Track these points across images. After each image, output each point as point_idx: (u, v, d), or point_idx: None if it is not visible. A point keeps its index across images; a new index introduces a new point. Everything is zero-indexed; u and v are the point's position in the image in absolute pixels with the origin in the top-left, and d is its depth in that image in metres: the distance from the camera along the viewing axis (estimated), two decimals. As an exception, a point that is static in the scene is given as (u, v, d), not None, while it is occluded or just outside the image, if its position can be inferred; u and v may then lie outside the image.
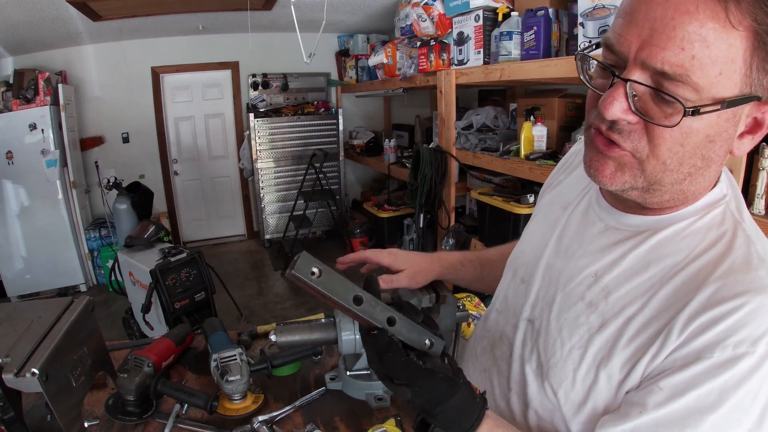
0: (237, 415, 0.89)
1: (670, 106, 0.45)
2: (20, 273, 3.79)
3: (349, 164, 5.10)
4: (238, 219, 5.15)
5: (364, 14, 3.91)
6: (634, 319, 0.53)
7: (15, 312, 0.81)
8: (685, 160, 0.48)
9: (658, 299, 0.52)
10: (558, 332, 0.60)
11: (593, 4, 1.71)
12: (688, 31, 0.41)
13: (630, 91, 0.46)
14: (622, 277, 0.56)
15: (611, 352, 0.53)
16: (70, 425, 0.73)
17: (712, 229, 0.53)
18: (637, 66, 0.45)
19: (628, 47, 0.45)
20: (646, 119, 0.46)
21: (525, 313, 0.68)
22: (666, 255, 0.53)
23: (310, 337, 0.89)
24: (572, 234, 0.65)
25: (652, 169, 0.49)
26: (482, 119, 2.87)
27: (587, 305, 0.58)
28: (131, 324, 2.64)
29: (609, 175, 0.52)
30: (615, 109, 0.47)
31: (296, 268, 0.47)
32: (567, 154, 0.83)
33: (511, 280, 0.75)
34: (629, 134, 0.48)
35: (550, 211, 0.74)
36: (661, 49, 0.43)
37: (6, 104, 3.59)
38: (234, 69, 4.64)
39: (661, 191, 0.52)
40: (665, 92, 0.44)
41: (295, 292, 3.85)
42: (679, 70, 0.42)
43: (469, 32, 2.47)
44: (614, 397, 0.53)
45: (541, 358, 0.61)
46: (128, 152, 4.49)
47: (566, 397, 0.57)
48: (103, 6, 3.09)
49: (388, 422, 0.84)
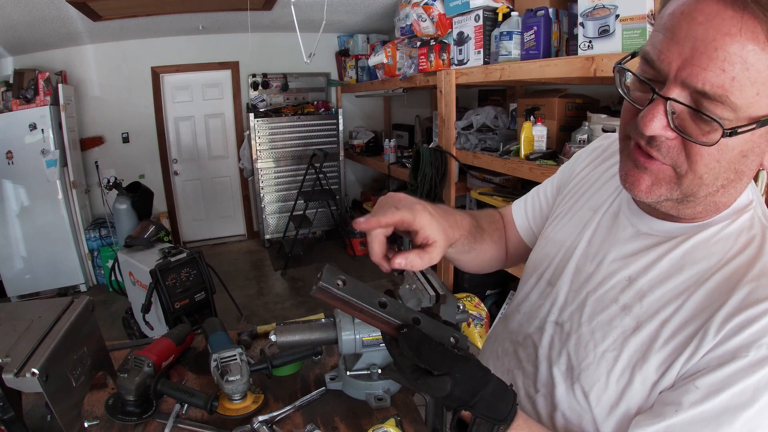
0: (237, 415, 0.89)
1: (708, 125, 0.46)
2: (20, 273, 3.79)
3: (349, 164, 5.10)
4: (238, 219, 5.15)
5: (364, 14, 3.91)
6: (669, 321, 0.54)
7: (15, 312, 0.81)
8: (720, 174, 0.49)
9: (693, 301, 0.53)
10: (590, 335, 0.61)
11: (593, 4, 1.71)
12: (729, 53, 0.42)
13: (669, 108, 0.47)
14: (656, 280, 0.57)
15: (647, 353, 0.54)
16: (70, 425, 0.73)
17: (743, 233, 0.54)
18: (677, 84, 0.46)
19: (668, 65, 0.46)
20: (685, 136, 0.47)
21: (552, 315, 0.68)
22: (700, 259, 0.55)
23: (310, 337, 0.89)
24: (602, 238, 0.66)
25: (689, 183, 0.50)
26: (482, 119, 2.87)
27: (621, 308, 0.59)
28: (131, 324, 2.64)
29: (645, 189, 0.53)
30: (655, 126, 0.47)
31: (323, 279, 0.49)
32: (593, 144, 0.82)
33: (536, 282, 0.75)
34: (668, 150, 0.50)
35: (577, 212, 0.74)
36: (702, 69, 0.43)
37: (6, 104, 3.59)
38: (234, 69, 4.64)
39: (694, 203, 0.53)
40: (704, 113, 0.45)
41: (295, 292, 3.85)
42: (719, 91, 0.43)
43: (469, 32, 2.47)
44: (647, 398, 0.54)
45: (571, 361, 0.62)
46: (128, 152, 4.49)
47: (598, 399, 0.58)
48: (103, 6, 3.09)
49: (388, 422, 0.84)
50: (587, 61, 1.74)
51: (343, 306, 0.51)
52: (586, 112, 2.19)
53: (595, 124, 2.06)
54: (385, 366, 0.92)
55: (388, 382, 0.92)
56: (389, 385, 0.93)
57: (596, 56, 1.71)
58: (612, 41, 1.68)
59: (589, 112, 2.14)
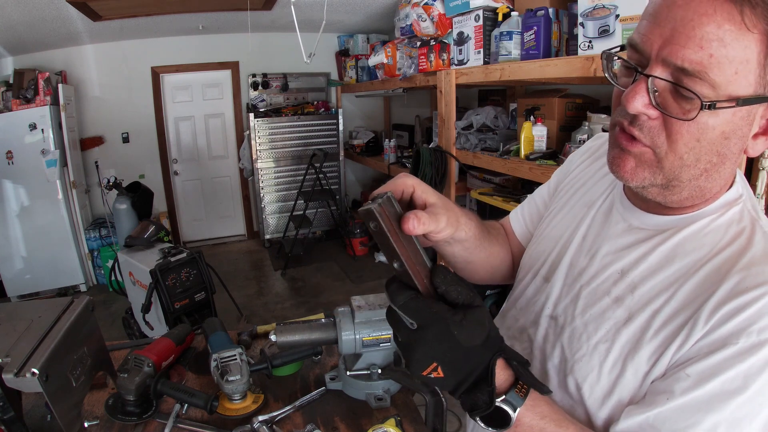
0: (237, 415, 0.89)
1: (688, 102, 0.47)
2: (20, 273, 3.79)
3: (349, 164, 5.10)
4: (238, 219, 5.15)
5: (364, 14, 3.91)
6: (660, 312, 0.55)
7: (15, 312, 0.81)
8: (702, 156, 0.50)
9: (684, 292, 0.54)
10: (584, 327, 0.62)
11: (593, 4, 1.71)
12: (706, 32, 0.44)
13: (651, 86, 0.49)
14: (647, 272, 0.58)
15: (638, 344, 0.55)
16: (70, 425, 0.73)
17: (732, 225, 0.56)
18: (658, 63, 0.48)
19: (650, 46, 0.48)
20: (666, 113, 0.49)
21: (547, 310, 0.69)
22: (690, 250, 0.56)
23: (310, 337, 0.89)
24: (596, 233, 0.67)
25: (671, 165, 0.52)
26: (482, 119, 2.87)
27: (613, 300, 0.60)
28: (131, 324, 2.64)
29: (629, 170, 0.54)
30: (637, 103, 0.49)
31: (383, 202, 0.49)
32: (586, 144, 0.83)
33: (531, 278, 0.75)
34: (649, 130, 0.51)
35: (571, 208, 0.75)
36: (681, 47, 0.46)
37: (6, 104, 3.59)
38: (234, 69, 4.64)
39: (679, 187, 0.54)
40: (684, 87, 0.47)
41: (295, 292, 3.85)
42: (698, 67, 0.45)
43: (469, 32, 2.47)
44: (639, 388, 0.55)
45: (565, 354, 0.63)
46: (128, 152, 4.49)
47: (591, 391, 0.59)
48: (103, 6, 3.09)
49: (388, 422, 0.84)
50: (587, 61, 1.74)
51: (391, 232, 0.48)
52: (586, 112, 2.19)
53: (595, 124, 2.06)
54: (385, 366, 0.92)
55: (388, 382, 0.92)
56: (389, 385, 0.93)
57: (596, 56, 1.71)
58: (612, 41, 1.68)
59: (589, 112, 2.14)
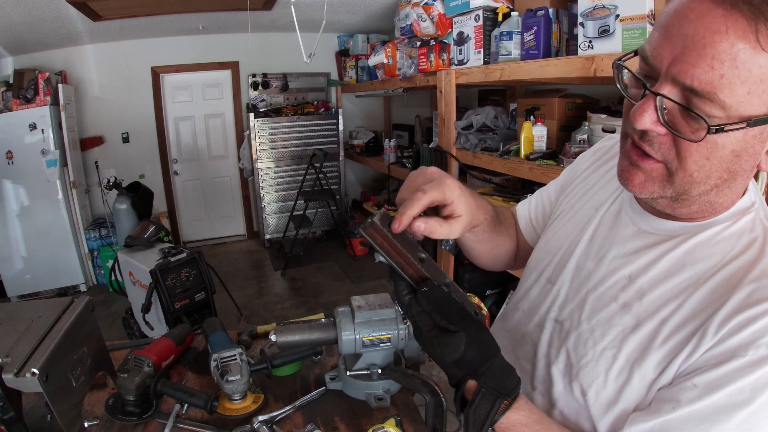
0: (237, 415, 0.89)
1: (696, 122, 0.46)
2: (20, 273, 3.79)
3: (349, 164, 5.09)
4: (238, 219, 5.15)
5: (364, 14, 3.91)
6: (669, 320, 0.54)
7: (15, 312, 0.81)
8: (712, 173, 0.49)
9: (694, 300, 0.53)
10: (590, 333, 0.61)
11: (593, 4, 1.71)
12: (718, 50, 0.42)
13: (660, 104, 0.47)
14: (657, 279, 0.57)
15: (646, 351, 0.54)
16: (70, 425, 0.73)
17: (744, 234, 0.55)
18: (668, 80, 0.46)
19: (660, 61, 0.47)
20: (674, 132, 0.48)
21: (552, 313, 0.68)
22: (700, 258, 0.55)
23: (310, 337, 0.89)
24: (603, 236, 0.66)
25: (681, 181, 0.51)
26: (482, 119, 2.87)
27: (621, 306, 0.59)
28: (131, 324, 2.64)
29: (638, 184, 0.53)
30: (645, 120, 0.48)
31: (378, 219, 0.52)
32: (597, 144, 0.82)
33: (536, 279, 0.75)
34: (660, 146, 0.50)
35: (578, 211, 0.74)
36: (692, 66, 0.44)
37: (6, 104, 3.59)
38: (234, 69, 4.64)
39: (689, 201, 0.53)
40: (692, 110, 0.45)
41: (295, 292, 3.85)
42: (708, 88, 0.43)
43: (469, 32, 2.47)
44: (645, 396, 0.54)
45: (570, 359, 0.62)
46: (128, 152, 4.49)
47: (596, 397, 0.58)
48: (103, 6, 3.09)
49: (388, 422, 0.84)
50: (587, 61, 1.74)
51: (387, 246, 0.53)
52: (586, 112, 2.18)
53: (595, 124, 2.06)
54: (385, 366, 0.92)
55: (388, 382, 0.92)
56: (389, 385, 0.93)
57: (596, 56, 1.71)
58: (612, 41, 1.68)
59: (589, 112, 2.14)
